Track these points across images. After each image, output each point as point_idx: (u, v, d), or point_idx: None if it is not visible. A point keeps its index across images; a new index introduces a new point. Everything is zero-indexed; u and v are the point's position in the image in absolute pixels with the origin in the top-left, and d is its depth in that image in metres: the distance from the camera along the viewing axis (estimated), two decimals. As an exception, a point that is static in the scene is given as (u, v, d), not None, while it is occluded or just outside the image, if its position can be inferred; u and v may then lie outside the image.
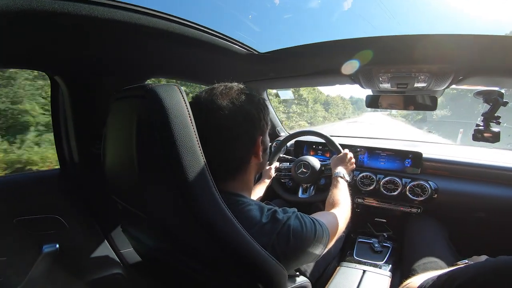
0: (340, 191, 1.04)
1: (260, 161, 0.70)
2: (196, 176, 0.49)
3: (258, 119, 0.67)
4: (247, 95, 0.66)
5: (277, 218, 0.61)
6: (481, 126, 1.12)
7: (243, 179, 0.69)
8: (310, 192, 1.52)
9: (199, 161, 0.50)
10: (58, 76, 0.97)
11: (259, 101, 0.68)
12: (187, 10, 23.56)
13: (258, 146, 0.67)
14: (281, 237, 0.59)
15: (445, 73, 1.09)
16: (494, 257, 0.49)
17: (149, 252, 0.74)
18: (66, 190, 1.09)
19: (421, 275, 0.66)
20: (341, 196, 1.00)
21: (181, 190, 0.48)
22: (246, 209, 0.62)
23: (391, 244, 1.45)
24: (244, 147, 0.66)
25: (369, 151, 1.64)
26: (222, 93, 0.64)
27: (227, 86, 0.67)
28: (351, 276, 1.19)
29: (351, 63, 1.13)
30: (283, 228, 0.60)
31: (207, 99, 0.63)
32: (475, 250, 1.00)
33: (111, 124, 0.66)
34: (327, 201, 0.99)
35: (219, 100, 0.62)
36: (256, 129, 0.67)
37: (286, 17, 39.90)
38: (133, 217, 0.68)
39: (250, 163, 0.69)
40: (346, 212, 0.92)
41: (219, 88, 0.66)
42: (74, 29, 0.73)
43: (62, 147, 1.09)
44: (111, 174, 0.67)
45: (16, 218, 0.96)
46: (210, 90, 0.65)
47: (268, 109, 0.72)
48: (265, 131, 0.71)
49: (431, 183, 1.43)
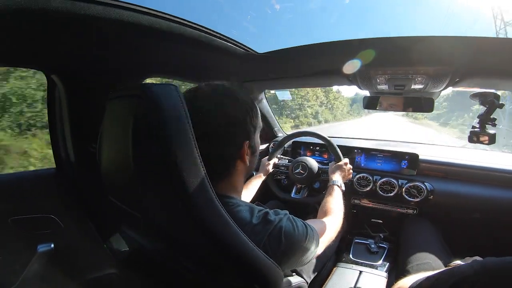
0: (334, 199, 1.03)
1: (247, 165, 0.68)
2: (192, 176, 0.48)
3: (243, 122, 0.64)
4: (232, 97, 0.63)
5: (268, 220, 0.61)
6: (477, 128, 1.13)
7: (230, 181, 0.67)
8: (303, 193, 1.53)
9: (196, 161, 0.50)
10: (55, 75, 0.96)
11: (245, 103, 0.65)
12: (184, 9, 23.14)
13: (244, 150, 0.65)
14: (272, 238, 0.59)
15: (442, 75, 1.10)
16: None
17: (145, 252, 0.73)
18: (62, 189, 1.08)
19: (412, 276, 0.67)
20: (335, 205, 1.00)
21: (176, 189, 0.48)
22: (236, 210, 0.61)
23: (387, 245, 1.46)
24: (228, 152, 0.63)
25: (366, 152, 1.64)
26: (205, 94, 0.62)
27: (212, 87, 0.64)
28: (347, 277, 1.20)
29: (349, 64, 1.13)
30: (275, 229, 0.60)
31: (190, 100, 0.58)
32: (470, 251, 1.01)
33: (107, 124, 0.66)
34: (321, 209, 0.99)
35: (200, 101, 0.60)
36: (240, 133, 0.64)
37: (286, 17, 39.95)
38: (129, 217, 0.67)
39: (236, 167, 0.66)
40: (338, 222, 0.92)
41: (203, 89, 0.63)
42: (71, 28, 0.73)
43: (58, 146, 1.08)
44: (107, 174, 0.67)
45: (11, 217, 0.95)
46: (194, 91, 0.63)
47: (257, 111, 0.69)
48: (253, 135, 0.68)
49: (427, 184, 1.44)
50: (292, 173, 1.48)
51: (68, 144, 1.06)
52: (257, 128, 0.69)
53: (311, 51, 1.15)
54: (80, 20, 0.69)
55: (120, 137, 0.58)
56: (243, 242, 0.53)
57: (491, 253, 0.53)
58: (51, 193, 1.06)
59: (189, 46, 0.98)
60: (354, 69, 1.15)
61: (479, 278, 0.45)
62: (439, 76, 1.11)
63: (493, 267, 0.46)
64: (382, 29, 34.23)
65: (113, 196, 0.68)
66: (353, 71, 1.19)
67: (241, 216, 0.60)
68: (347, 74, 1.24)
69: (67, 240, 1.06)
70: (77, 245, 1.10)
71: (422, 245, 1.25)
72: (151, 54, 1.03)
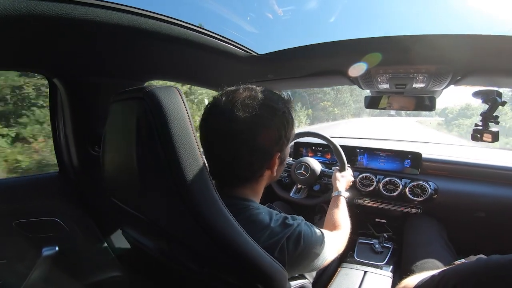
0: (341, 212, 1.02)
1: (274, 175, 0.69)
2: (195, 177, 0.49)
3: (279, 137, 0.63)
4: (272, 108, 0.62)
5: (287, 223, 0.63)
6: (480, 126, 1.12)
7: (253, 188, 0.68)
8: (302, 193, 1.52)
9: (199, 163, 0.50)
10: (57, 78, 0.97)
11: (283, 115, 0.64)
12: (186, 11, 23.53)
13: (274, 161, 0.65)
14: (291, 240, 0.61)
15: (443, 74, 1.10)
16: None
17: (148, 253, 0.74)
18: (65, 192, 1.08)
19: (417, 275, 0.67)
20: (343, 218, 0.99)
21: (179, 190, 0.48)
22: (255, 213, 0.62)
23: (391, 245, 1.45)
24: (258, 162, 0.64)
25: (369, 152, 1.64)
26: (244, 102, 0.59)
27: (251, 95, 0.61)
28: (352, 277, 1.19)
29: (350, 64, 1.13)
30: (294, 232, 0.61)
31: (227, 106, 0.59)
32: (475, 250, 1.00)
33: (110, 126, 0.66)
34: (328, 220, 0.98)
35: (239, 110, 0.58)
36: (274, 146, 0.64)
37: (284, 18, 39.94)
38: (133, 219, 0.68)
39: (263, 175, 0.67)
40: (346, 236, 0.92)
41: (242, 95, 0.61)
42: (73, 32, 0.73)
43: (61, 150, 1.09)
44: (111, 176, 0.67)
45: (16, 221, 0.96)
46: (232, 96, 0.61)
47: (293, 124, 0.68)
48: (285, 147, 0.68)
49: (431, 183, 1.43)
50: (294, 173, 1.48)
51: (71, 147, 1.06)
52: (290, 140, 0.69)
53: (312, 52, 1.15)
54: (80, 24, 0.69)
55: (123, 139, 0.58)
56: (246, 242, 0.53)
57: (496, 251, 0.53)
58: (55, 196, 1.07)
59: (190, 48, 0.98)
60: (358, 68, 1.14)
61: (484, 276, 0.45)
62: (440, 74, 1.10)
63: (497, 264, 0.46)
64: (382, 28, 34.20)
65: (116, 198, 0.69)
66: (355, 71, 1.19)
67: (261, 218, 0.61)
68: (348, 74, 1.24)
69: (71, 243, 1.07)
70: (81, 247, 1.11)
71: (427, 244, 1.24)
72: (152, 57, 1.03)
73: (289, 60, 1.23)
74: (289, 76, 1.47)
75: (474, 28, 0.86)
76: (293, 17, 6.70)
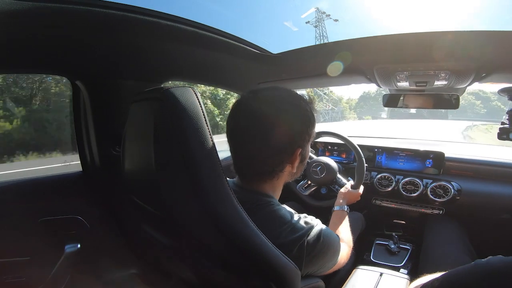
0: (343, 227, 1.00)
1: (294, 172, 0.70)
2: (210, 175, 0.50)
3: (301, 132, 0.65)
4: (294, 105, 0.64)
5: (307, 221, 0.66)
6: (507, 124, 1.07)
7: (273, 183, 0.70)
8: (307, 190, 1.51)
9: (214, 161, 0.51)
10: (79, 81, 1.00)
11: (306, 112, 0.66)
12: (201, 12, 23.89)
13: (295, 157, 0.66)
14: (312, 236, 0.63)
15: (466, 71, 1.05)
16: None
17: (165, 251, 0.75)
18: (88, 191, 1.12)
19: (426, 276, 0.65)
20: (346, 232, 0.97)
21: (195, 188, 0.49)
22: (277, 209, 0.65)
23: (410, 246, 1.41)
24: (280, 158, 0.65)
25: (387, 151, 1.60)
26: (268, 100, 0.63)
27: (276, 93, 0.65)
28: (367, 279, 1.16)
29: (367, 62, 1.11)
30: (316, 229, 0.64)
31: (252, 103, 0.63)
32: (497, 253, 0.96)
33: (130, 126, 0.68)
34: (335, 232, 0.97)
35: (263, 107, 0.61)
36: (297, 141, 0.65)
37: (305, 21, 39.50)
38: (151, 216, 0.69)
39: (284, 172, 0.68)
40: (350, 250, 0.90)
41: (266, 93, 0.65)
42: (94, 35, 0.76)
43: (84, 150, 1.13)
44: (130, 174, 0.69)
45: (41, 218, 1.00)
46: (255, 95, 0.64)
47: (315, 121, 0.69)
48: (306, 144, 0.69)
49: (454, 183, 1.38)
50: (310, 170, 1.46)
51: (93, 147, 1.10)
52: (312, 138, 0.71)
53: (327, 50, 1.13)
54: (101, 27, 0.71)
55: (142, 138, 0.60)
56: (261, 240, 0.53)
57: None
58: (78, 195, 1.10)
59: (207, 50, 1.00)
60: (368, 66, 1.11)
61: (486, 279, 0.44)
62: (463, 71, 1.06)
63: (498, 267, 0.45)
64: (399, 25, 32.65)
65: (135, 196, 0.70)
66: (370, 68, 1.16)
67: (282, 214, 0.64)
68: (365, 72, 1.21)
69: (93, 240, 1.10)
70: (102, 245, 1.14)
71: (445, 246, 1.21)
72: (170, 58, 1.05)
73: (303, 59, 1.22)
74: (303, 75, 1.46)
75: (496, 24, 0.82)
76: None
